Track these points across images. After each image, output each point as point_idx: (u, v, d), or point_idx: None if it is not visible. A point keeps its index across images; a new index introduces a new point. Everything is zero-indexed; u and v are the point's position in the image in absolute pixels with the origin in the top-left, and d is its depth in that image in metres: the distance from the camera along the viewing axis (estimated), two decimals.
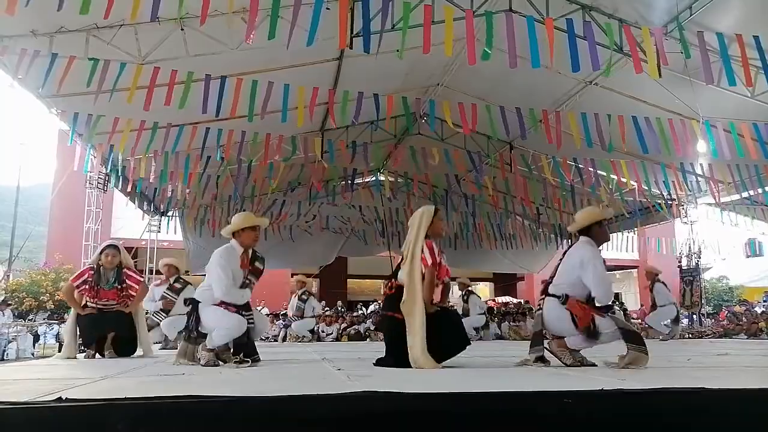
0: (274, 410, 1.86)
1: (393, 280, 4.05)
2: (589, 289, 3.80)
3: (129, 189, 10.64)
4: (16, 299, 14.42)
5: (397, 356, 3.74)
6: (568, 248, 4.14)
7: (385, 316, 4.13)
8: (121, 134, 7.76)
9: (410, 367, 3.60)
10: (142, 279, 5.71)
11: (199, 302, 4.30)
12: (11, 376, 3.41)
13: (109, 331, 5.28)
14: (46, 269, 16.12)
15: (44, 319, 13.35)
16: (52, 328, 12.40)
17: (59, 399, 1.77)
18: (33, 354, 10.72)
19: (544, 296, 4.04)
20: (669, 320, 9.97)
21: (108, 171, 9.48)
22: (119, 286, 5.39)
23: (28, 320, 13.23)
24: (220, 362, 4.14)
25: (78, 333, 5.36)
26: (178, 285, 7.02)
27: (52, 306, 14.48)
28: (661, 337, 9.72)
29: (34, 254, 23.67)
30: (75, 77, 6.21)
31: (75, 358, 5.22)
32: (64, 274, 15.25)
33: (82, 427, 1.71)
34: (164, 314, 6.96)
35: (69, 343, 5.32)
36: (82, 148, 8.69)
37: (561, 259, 4.11)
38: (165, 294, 7.05)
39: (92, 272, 5.35)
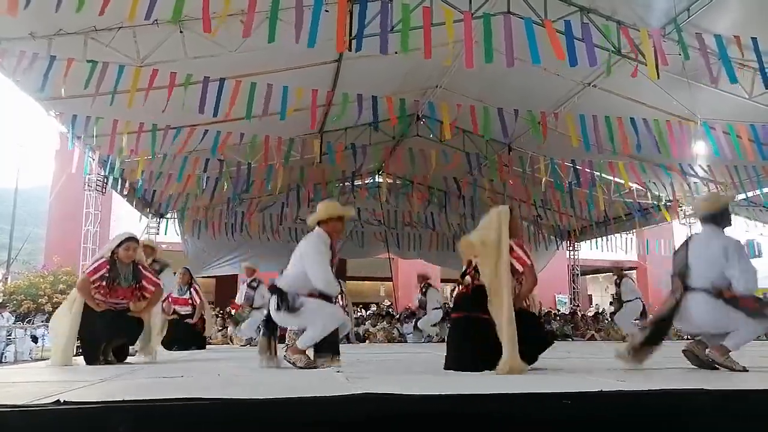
0: (273, 413, 1.86)
1: (469, 278, 3.84)
2: (729, 280, 3.62)
3: (127, 191, 10.65)
4: (15, 302, 14.39)
5: (483, 358, 3.48)
6: (687, 240, 3.94)
7: (467, 317, 3.80)
8: (120, 136, 7.77)
9: (490, 369, 3.39)
10: (159, 281, 5.13)
11: (285, 291, 3.98)
12: (9, 379, 3.40)
13: (121, 337, 4.77)
14: (45, 271, 16.07)
15: (42, 321, 13.31)
16: None
17: (58, 402, 1.77)
18: (31, 356, 10.69)
19: (680, 292, 3.75)
20: (637, 316, 9.98)
21: (106, 173, 9.48)
22: (136, 285, 4.79)
23: (27, 323, 13.20)
24: (319, 363, 3.98)
25: (77, 334, 4.62)
26: (156, 267, 6.37)
27: (51, 308, 14.42)
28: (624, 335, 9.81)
29: (33, 256, 23.62)
30: (73, 79, 6.21)
31: (70, 364, 4.54)
32: (62, 276, 15.21)
33: (81, 429, 1.70)
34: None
35: (66, 348, 4.58)
36: (81, 150, 8.68)
37: (683, 251, 3.88)
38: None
39: (108, 266, 4.68)
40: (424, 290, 11.01)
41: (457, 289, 3.98)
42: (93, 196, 9.50)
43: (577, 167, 9.99)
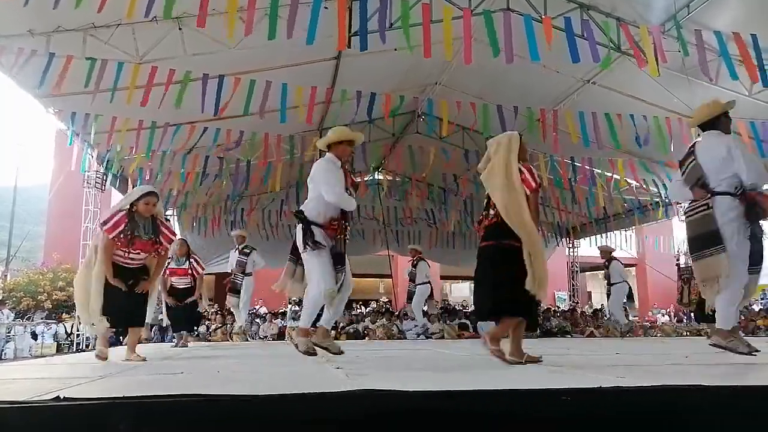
0: (273, 409, 1.86)
1: (492, 210, 3.72)
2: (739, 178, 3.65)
3: (127, 188, 10.64)
4: (14, 299, 14.40)
5: (514, 291, 3.42)
6: (692, 149, 3.97)
7: (496, 245, 3.64)
8: (119, 133, 7.77)
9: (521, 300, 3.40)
10: (175, 234, 5.03)
11: (310, 222, 4.12)
12: (9, 376, 3.41)
13: (122, 325, 4.83)
14: (44, 269, 16.08)
15: (42, 318, 13.32)
16: (50, 328, 12.38)
17: (57, 398, 1.77)
18: (31, 353, 10.70)
19: (705, 197, 3.77)
20: (624, 299, 10.16)
21: (105, 170, 9.47)
22: (154, 237, 4.64)
23: (26, 320, 13.22)
24: (325, 350, 4.09)
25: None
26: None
27: (50, 306, 14.45)
28: (620, 329, 9.92)
29: (32, 254, 23.60)
30: (72, 76, 6.20)
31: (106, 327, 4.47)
32: (61, 273, 15.22)
33: (81, 426, 1.70)
34: None
35: (95, 310, 4.38)
36: (80, 147, 8.68)
37: (692, 160, 3.92)
38: None
39: (127, 220, 4.51)
40: (415, 263, 11.03)
41: (483, 221, 3.85)
42: (92, 193, 9.48)
43: (577, 164, 9.99)
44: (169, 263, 6.95)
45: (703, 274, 3.85)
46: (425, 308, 10.98)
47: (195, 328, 8.14)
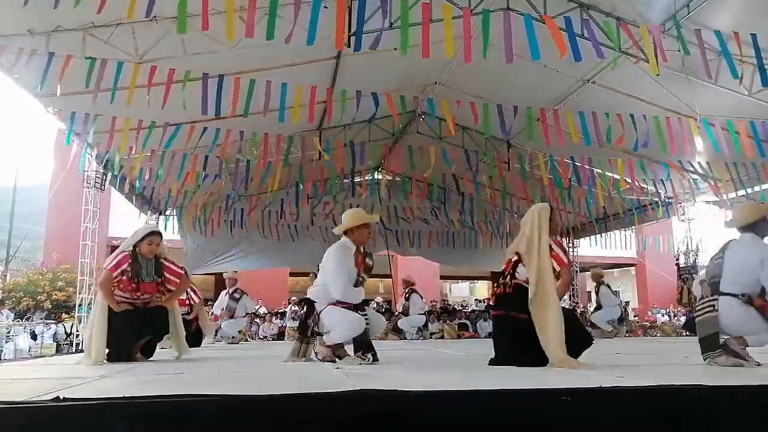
0: (272, 409, 1.86)
1: (508, 279, 3.90)
2: (762, 285, 3.67)
3: (127, 188, 10.63)
4: (14, 299, 14.40)
5: (522, 356, 3.62)
6: (724, 247, 3.98)
7: (506, 316, 3.89)
8: (119, 133, 7.76)
9: (537, 365, 3.49)
10: (182, 271, 5.04)
11: (314, 302, 4.28)
12: (9, 376, 3.40)
13: (148, 333, 4.70)
14: (44, 269, 16.09)
15: (41, 318, 13.33)
16: (50, 328, 12.39)
17: (57, 398, 1.77)
18: (30, 353, 10.70)
19: (712, 297, 3.83)
20: (614, 320, 10.44)
21: (105, 170, 9.46)
22: (159, 279, 4.68)
23: (26, 320, 13.22)
24: (336, 358, 4.17)
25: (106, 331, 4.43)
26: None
27: (50, 306, 14.46)
28: (606, 335, 10.06)
29: (32, 254, 23.59)
30: (72, 76, 6.20)
31: (101, 363, 4.39)
32: (61, 273, 15.22)
33: (81, 426, 1.70)
34: None
35: (99, 348, 4.37)
36: (79, 146, 8.67)
37: (719, 257, 3.94)
38: None
39: (130, 261, 4.55)
40: (407, 295, 11.07)
41: (496, 288, 4.05)
42: (92, 193, 9.47)
43: (577, 164, 9.99)
44: None
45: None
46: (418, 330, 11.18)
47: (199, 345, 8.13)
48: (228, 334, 9.62)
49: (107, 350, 4.48)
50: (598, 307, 10.61)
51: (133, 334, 4.56)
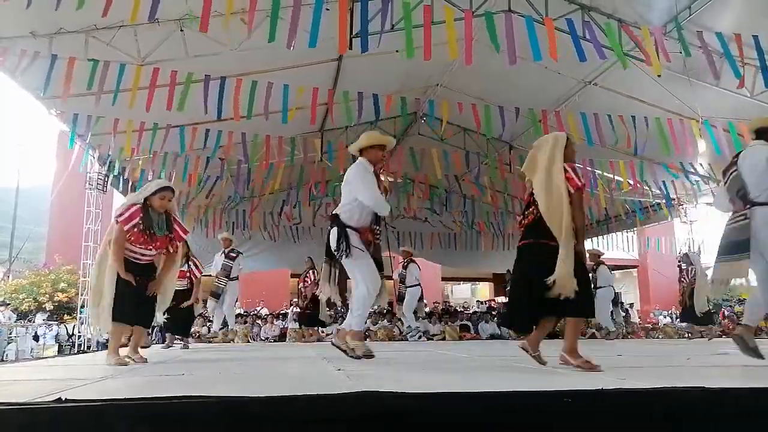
0: (273, 410, 1.86)
1: (533, 209, 3.66)
2: None
3: (129, 190, 10.65)
4: (16, 300, 14.42)
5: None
6: (735, 159, 3.97)
7: (534, 243, 3.61)
8: (121, 135, 7.78)
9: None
10: (187, 232, 4.82)
11: (345, 226, 4.14)
12: (11, 377, 3.41)
13: (144, 324, 4.68)
14: (46, 270, 16.11)
15: (44, 320, 13.34)
16: (52, 329, 12.40)
17: (59, 399, 1.77)
18: (32, 355, 10.72)
19: (744, 209, 3.77)
20: (610, 305, 10.47)
21: (107, 171, 9.49)
22: (170, 235, 4.47)
23: (28, 321, 13.24)
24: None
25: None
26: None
27: (52, 307, 14.47)
28: (610, 334, 10.04)
29: (34, 255, 23.63)
30: (74, 78, 6.21)
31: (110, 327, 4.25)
32: (63, 274, 15.24)
33: (83, 427, 1.71)
34: None
35: (107, 318, 4.19)
36: (81, 148, 8.70)
37: (732, 172, 3.93)
38: None
39: (141, 214, 4.31)
40: (405, 264, 10.99)
41: (523, 220, 3.79)
42: (94, 194, 9.49)
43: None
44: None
45: (724, 274, 3.90)
46: (420, 323, 11.01)
47: (189, 334, 8.06)
48: (220, 316, 9.31)
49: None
50: (595, 287, 10.59)
51: (131, 319, 4.44)
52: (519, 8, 6.24)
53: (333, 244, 4.17)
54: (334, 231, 4.18)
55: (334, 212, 4.29)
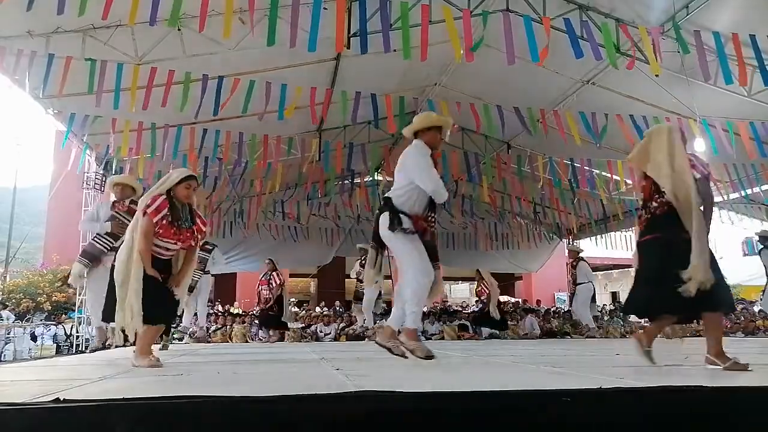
0: (272, 410, 1.86)
1: (655, 203, 3.51)
2: None
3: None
4: (14, 300, 14.39)
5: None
6: None
7: (657, 238, 3.44)
8: (119, 135, 7.77)
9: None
10: (206, 224, 4.54)
11: (397, 209, 3.83)
12: (8, 377, 3.40)
13: (169, 321, 4.48)
14: (44, 270, 16.08)
15: (41, 320, 13.31)
16: (50, 330, 12.37)
17: (57, 400, 1.77)
18: (30, 355, 10.69)
19: None
20: (588, 301, 10.47)
21: (104, 171, 9.47)
22: (194, 227, 4.20)
23: (26, 321, 13.20)
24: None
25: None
26: (134, 207, 5.42)
27: (50, 307, 14.44)
28: (587, 332, 10.09)
29: (32, 255, 23.61)
30: (71, 77, 6.20)
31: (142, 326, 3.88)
32: (61, 275, 15.19)
33: (81, 428, 1.70)
34: (111, 241, 5.83)
35: (147, 334, 3.96)
36: (78, 147, 8.68)
37: None
38: (117, 214, 5.90)
39: (168, 204, 4.05)
40: (363, 262, 10.82)
41: (646, 215, 3.61)
42: (91, 194, 9.47)
43: (576, 165, 10.00)
44: None
45: None
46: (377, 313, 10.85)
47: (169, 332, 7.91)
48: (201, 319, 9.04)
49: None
50: (574, 292, 10.62)
51: (168, 300, 4.15)
52: (517, 8, 6.24)
53: (382, 229, 3.89)
54: (384, 215, 3.88)
55: (386, 195, 3.97)
